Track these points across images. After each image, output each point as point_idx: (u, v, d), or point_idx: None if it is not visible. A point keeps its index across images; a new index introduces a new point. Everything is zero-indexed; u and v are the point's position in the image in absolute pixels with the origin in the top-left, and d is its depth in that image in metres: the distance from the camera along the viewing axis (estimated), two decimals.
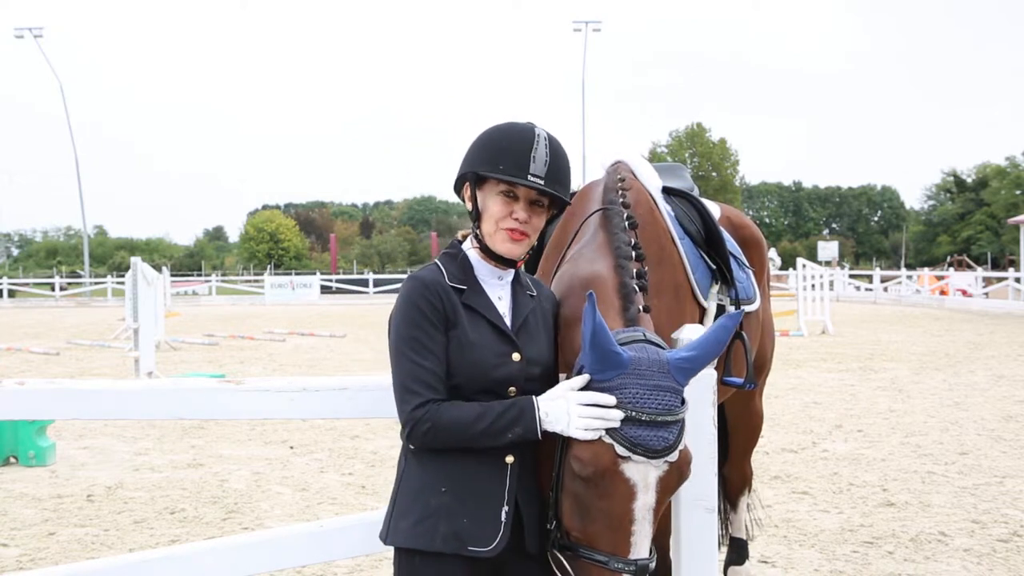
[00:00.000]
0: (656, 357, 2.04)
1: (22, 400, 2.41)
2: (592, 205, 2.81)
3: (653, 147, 78.18)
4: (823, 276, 21.46)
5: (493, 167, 2.18)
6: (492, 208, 2.21)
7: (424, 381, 2.09)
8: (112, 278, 46.66)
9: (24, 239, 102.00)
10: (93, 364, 15.06)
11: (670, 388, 2.02)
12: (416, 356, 2.11)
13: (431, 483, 2.14)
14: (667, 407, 2.00)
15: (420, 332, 2.12)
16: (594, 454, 1.99)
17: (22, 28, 52.63)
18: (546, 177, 2.19)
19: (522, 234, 2.21)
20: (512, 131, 2.23)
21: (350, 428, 8.67)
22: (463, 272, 2.24)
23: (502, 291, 2.28)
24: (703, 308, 3.15)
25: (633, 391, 2.00)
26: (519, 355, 2.19)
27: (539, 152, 2.19)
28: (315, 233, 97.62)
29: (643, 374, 2.02)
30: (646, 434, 1.98)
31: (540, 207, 2.24)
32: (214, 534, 5.49)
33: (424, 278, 2.19)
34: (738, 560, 4.27)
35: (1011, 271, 31.44)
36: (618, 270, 2.42)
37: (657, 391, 2.00)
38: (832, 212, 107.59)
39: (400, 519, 2.16)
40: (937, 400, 10.29)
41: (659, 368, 2.03)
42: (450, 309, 2.16)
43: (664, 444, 1.99)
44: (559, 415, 2.02)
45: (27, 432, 7.27)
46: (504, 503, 2.14)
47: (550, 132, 2.26)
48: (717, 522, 2.65)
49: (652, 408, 1.99)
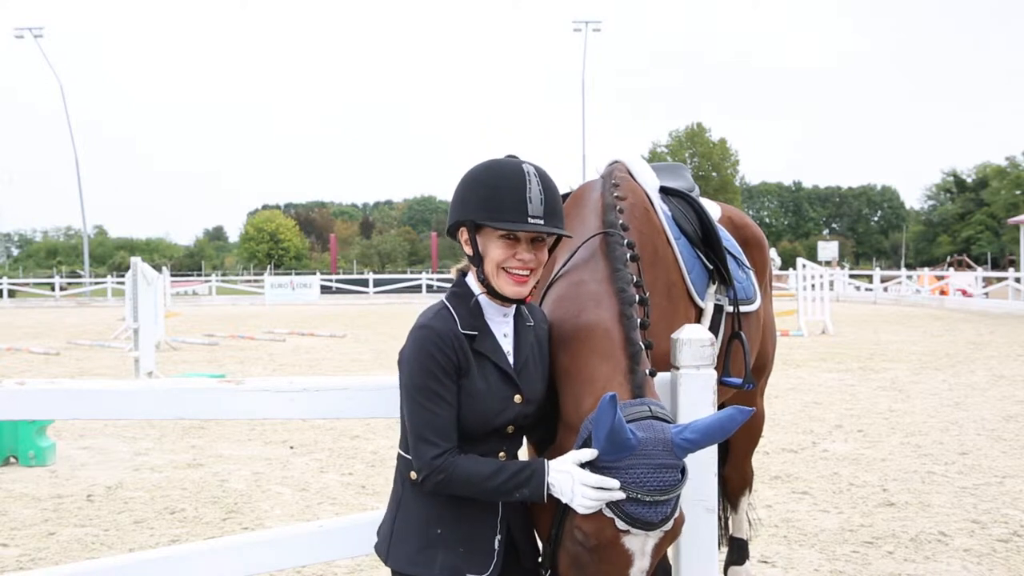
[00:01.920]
0: (662, 436, 2.09)
1: (22, 400, 2.41)
2: (589, 216, 2.78)
3: (653, 147, 78.17)
4: (823, 276, 21.46)
5: (492, 215, 2.17)
6: (493, 253, 2.20)
7: (440, 430, 2.13)
8: (112, 278, 46.66)
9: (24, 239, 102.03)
10: (93, 364, 15.06)
11: (672, 465, 2.08)
12: (431, 405, 2.14)
13: (430, 515, 2.21)
14: (669, 485, 2.07)
15: (434, 382, 2.15)
16: (597, 528, 2.07)
17: (22, 28, 52.66)
18: (544, 216, 2.19)
19: (526, 275, 2.22)
20: (502, 173, 2.20)
21: (350, 428, 8.68)
22: (473, 316, 2.24)
23: (507, 327, 2.30)
24: (700, 308, 3.14)
25: (639, 472, 2.05)
26: (520, 396, 2.24)
27: (533, 192, 2.18)
28: (315, 233, 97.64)
29: (649, 454, 2.07)
30: (645, 511, 2.05)
31: (541, 242, 2.24)
32: (214, 534, 5.49)
33: (437, 329, 2.17)
34: (738, 560, 4.27)
35: (1011, 271, 31.41)
36: (623, 320, 2.38)
37: (661, 470, 2.06)
38: (832, 212, 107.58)
39: (400, 544, 2.22)
40: (937, 400, 10.29)
41: (663, 447, 2.08)
42: (463, 359, 2.18)
43: (661, 517, 2.07)
44: (564, 489, 2.07)
45: (27, 432, 7.27)
46: (497, 532, 2.23)
47: (534, 164, 2.26)
48: (717, 522, 2.65)
49: (655, 487, 2.05)
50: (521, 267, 2.20)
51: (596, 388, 2.23)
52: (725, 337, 3.27)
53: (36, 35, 52.62)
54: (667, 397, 2.45)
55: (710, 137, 78.22)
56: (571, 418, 2.28)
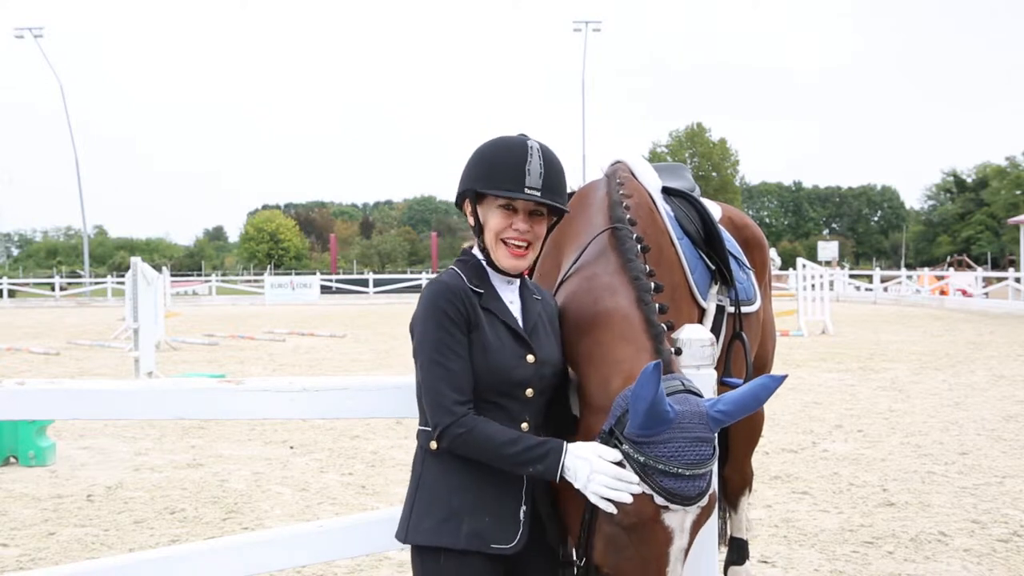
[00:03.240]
0: (696, 409, 2.11)
1: (22, 400, 2.41)
2: (596, 215, 2.80)
3: (653, 147, 78.17)
4: (823, 276, 21.46)
5: (491, 183, 2.25)
6: (492, 222, 2.27)
7: (456, 385, 2.15)
8: (112, 278, 46.66)
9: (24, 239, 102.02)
10: (93, 364, 15.06)
11: (707, 439, 2.10)
12: (445, 360, 2.16)
13: (452, 484, 2.19)
14: (704, 458, 2.08)
15: (447, 335, 2.18)
16: (636, 506, 2.07)
17: (22, 28, 52.66)
18: (543, 188, 2.25)
19: (524, 248, 2.27)
20: (505, 146, 2.28)
21: (350, 428, 8.67)
22: (479, 277, 2.30)
23: (512, 295, 2.35)
24: (702, 308, 3.15)
25: (677, 445, 2.07)
26: (533, 356, 2.26)
27: (533, 165, 2.25)
28: (315, 233, 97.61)
29: (686, 427, 2.08)
30: (683, 485, 2.06)
31: (540, 216, 2.30)
32: (214, 534, 5.49)
33: (447, 282, 2.25)
34: (738, 560, 4.27)
35: (1011, 271, 31.42)
36: (641, 306, 2.41)
37: (697, 443, 2.08)
38: (832, 212, 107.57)
39: (422, 519, 2.21)
40: (937, 400, 10.29)
41: (699, 420, 2.10)
42: (472, 312, 2.22)
43: (698, 491, 2.08)
44: (579, 474, 2.07)
45: (27, 432, 7.26)
46: (523, 502, 2.23)
47: (542, 142, 2.31)
48: (717, 522, 2.65)
49: (692, 460, 2.06)
50: (518, 238, 2.25)
51: (624, 368, 2.25)
52: (726, 337, 3.27)
53: (36, 35, 52.62)
54: None
55: (710, 137, 78.21)
56: (599, 400, 2.28)
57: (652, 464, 2.05)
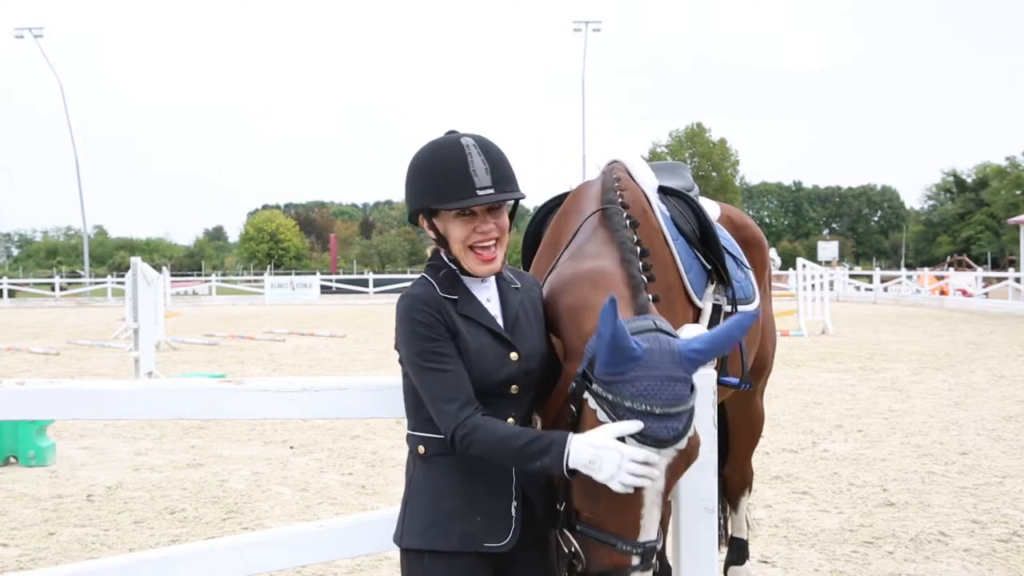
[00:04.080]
0: (668, 347, 2.07)
1: (22, 400, 2.41)
2: (589, 205, 2.81)
3: (653, 147, 78.13)
4: (823, 276, 21.46)
5: (443, 197, 2.18)
6: (455, 232, 2.22)
7: (454, 386, 2.13)
8: (112, 278, 46.65)
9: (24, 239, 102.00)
10: (93, 364, 15.06)
11: (681, 378, 2.04)
12: (438, 366, 2.14)
13: (442, 487, 2.19)
14: (678, 398, 2.02)
15: (431, 344, 2.16)
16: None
17: (22, 28, 52.69)
18: (493, 184, 2.19)
19: (492, 246, 2.22)
20: (442, 152, 2.22)
21: (350, 428, 8.67)
22: (451, 283, 2.25)
23: (489, 292, 2.31)
24: (698, 309, 3.14)
25: (645, 383, 2.02)
26: (517, 354, 2.24)
27: (476, 164, 2.18)
28: (315, 233, 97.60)
29: (655, 365, 2.04)
30: (656, 426, 2.00)
31: (499, 208, 2.25)
32: (214, 534, 5.49)
33: (417, 294, 2.21)
34: (738, 560, 4.27)
35: (1011, 271, 31.42)
36: (625, 264, 2.44)
37: (669, 382, 2.03)
38: (832, 212, 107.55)
39: (413, 522, 2.21)
40: (937, 400, 10.28)
41: (671, 358, 2.05)
42: (448, 320, 2.19)
43: (673, 434, 2.02)
44: (608, 466, 1.98)
45: (27, 432, 7.26)
46: (513, 498, 2.21)
47: (475, 134, 2.26)
48: (717, 522, 2.65)
49: (664, 400, 2.01)
50: (484, 239, 2.21)
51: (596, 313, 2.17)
52: None
53: (36, 35, 52.63)
54: None
55: (710, 137, 78.17)
56: (574, 345, 2.28)
57: (620, 403, 2.01)
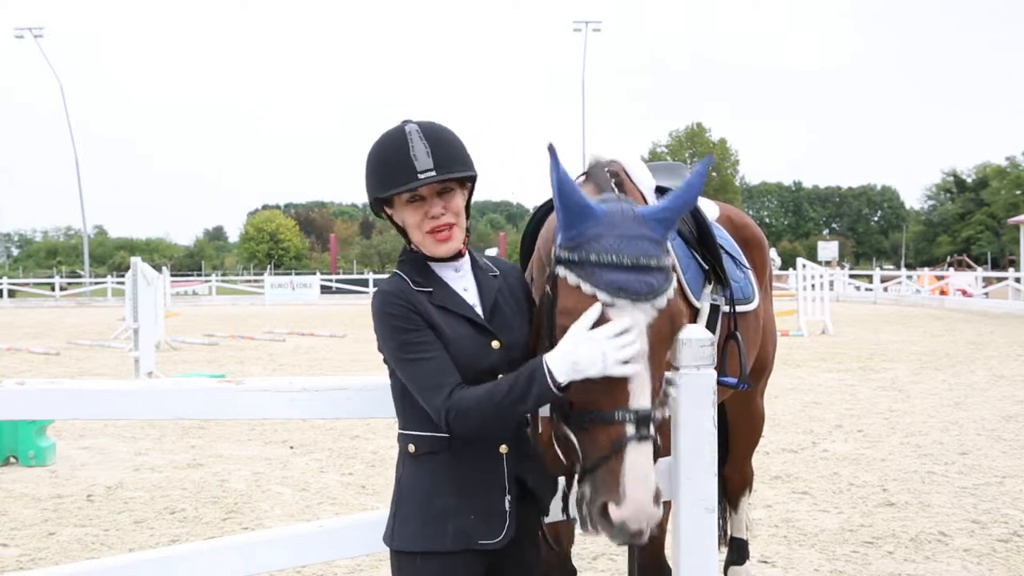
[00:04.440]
0: (630, 210, 2.09)
1: (22, 400, 2.41)
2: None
3: (653, 147, 78.14)
4: (823, 276, 21.46)
5: (387, 185, 2.20)
6: (409, 219, 2.24)
7: (437, 372, 2.11)
8: (112, 278, 46.64)
9: (24, 239, 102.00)
10: (93, 364, 15.05)
11: (647, 236, 2.06)
12: (417, 354, 2.13)
13: (434, 486, 2.18)
14: (647, 252, 2.04)
15: (409, 335, 2.15)
16: (576, 303, 2.04)
17: (22, 28, 52.72)
18: (436, 166, 2.18)
19: (448, 228, 2.22)
20: (386, 141, 2.23)
21: (350, 428, 8.67)
22: (423, 275, 2.25)
23: (466, 282, 2.30)
24: (695, 309, 3.14)
25: (610, 240, 2.04)
26: (498, 342, 2.22)
27: (418, 148, 2.19)
28: (315, 233, 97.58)
29: (617, 224, 2.06)
30: (628, 278, 2.01)
31: (451, 191, 2.24)
32: (214, 534, 5.49)
33: (387, 289, 2.22)
34: (738, 560, 4.27)
35: (1011, 271, 31.42)
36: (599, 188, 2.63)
37: (635, 239, 2.04)
38: (832, 212, 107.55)
39: (405, 524, 2.19)
40: (937, 400, 10.28)
41: (634, 218, 2.07)
42: (423, 311, 2.18)
43: (648, 288, 2.02)
44: (592, 359, 1.97)
45: (27, 432, 7.26)
46: (507, 492, 2.20)
47: (425, 120, 2.26)
48: (717, 522, 2.65)
49: (632, 254, 2.02)
50: (438, 224, 2.21)
51: None
52: (721, 337, 3.27)
53: (36, 35, 52.65)
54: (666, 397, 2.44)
55: (710, 137, 78.20)
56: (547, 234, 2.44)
57: (587, 258, 2.02)
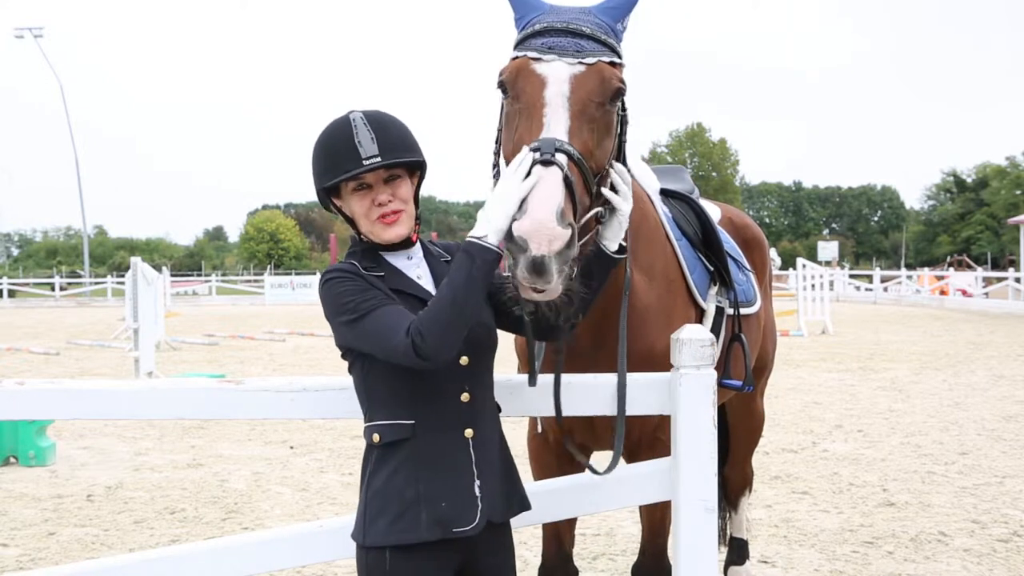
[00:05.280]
0: (579, 7, 2.34)
1: (22, 400, 2.41)
2: None
3: (653, 147, 78.15)
4: (823, 276, 21.46)
5: (331, 173, 2.19)
6: (356, 208, 2.24)
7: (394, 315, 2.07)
8: (112, 278, 46.65)
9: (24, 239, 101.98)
10: (93, 364, 15.06)
11: (590, 20, 2.31)
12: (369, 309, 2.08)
13: (402, 476, 2.14)
14: (583, 22, 2.27)
15: (356, 294, 2.11)
16: (512, 63, 2.30)
17: (22, 28, 52.73)
18: (381, 152, 2.18)
19: (394, 213, 2.21)
20: (330, 131, 2.23)
21: (350, 428, 8.67)
22: (373, 260, 2.24)
23: (419, 269, 2.29)
24: (701, 310, 3.14)
25: (549, 17, 2.30)
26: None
27: (362, 135, 2.18)
28: (315, 233, 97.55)
29: (561, 10, 2.32)
30: (559, 40, 2.25)
31: (398, 178, 2.24)
32: (214, 534, 5.49)
33: (339, 269, 2.20)
34: (738, 560, 4.28)
35: (1011, 271, 31.42)
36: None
37: (576, 16, 2.30)
38: (832, 212, 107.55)
39: (377, 518, 2.14)
40: (937, 400, 10.29)
41: (580, 9, 2.31)
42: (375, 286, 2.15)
43: (576, 48, 2.24)
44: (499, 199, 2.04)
45: (27, 432, 7.26)
46: (475, 478, 2.18)
47: (371, 109, 2.26)
48: (717, 522, 2.65)
49: (565, 20, 2.27)
50: (383, 211, 2.20)
51: None
52: (726, 339, 3.27)
53: (36, 35, 52.66)
54: (666, 398, 2.44)
55: (710, 137, 78.21)
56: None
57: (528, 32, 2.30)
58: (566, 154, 2.10)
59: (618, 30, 2.35)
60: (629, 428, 2.67)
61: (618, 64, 2.31)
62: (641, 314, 2.71)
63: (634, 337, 2.61)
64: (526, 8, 2.33)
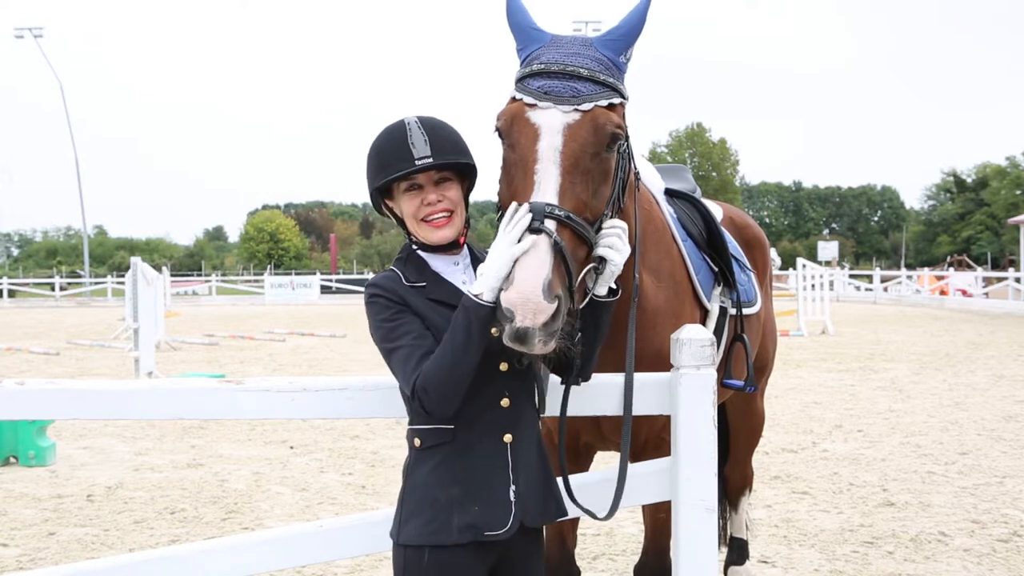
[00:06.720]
0: (581, 36, 2.26)
1: (22, 400, 2.41)
2: None
3: (653, 147, 78.12)
4: (823, 276, 21.46)
5: (384, 173, 2.26)
6: (406, 208, 2.29)
7: (409, 358, 2.13)
8: (112, 278, 46.67)
9: (24, 239, 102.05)
10: (93, 364, 15.06)
11: (591, 56, 2.21)
12: (395, 342, 2.16)
13: (439, 479, 2.18)
14: (580, 63, 2.19)
15: (390, 322, 2.19)
16: (508, 108, 2.24)
17: (22, 28, 52.74)
18: (433, 153, 2.23)
19: (443, 215, 2.26)
20: (385, 134, 2.30)
21: (350, 428, 8.67)
22: (418, 271, 2.28)
23: (464, 275, 2.32)
24: (706, 310, 3.14)
25: (549, 55, 2.22)
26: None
27: (415, 137, 2.25)
28: (315, 233, 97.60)
29: (562, 45, 2.24)
30: (555, 84, 2.17)
31: (449, 181, 2.29)
32: (214, 534, 5.49)
33: (379, 282, 2.26)
34: (738, 560, 4.28)
35: (1011, 271, 31.44)
36: None
37: (575, 54, 2.21)
38: (832, 212, 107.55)
39: (412, 518, 2.20)
40: (937, 400, 10.28)
41: (581, 42, 2.22)
42: (412, 304, 2.21)
43: (572, 93, 2.16)
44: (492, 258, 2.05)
45: (27, 432, 7.26)
46: (511, 483, 2.20)
47: (425, 115, 2.32)
48: (717, 522, 2.65)
49: (562, 62, 2.19)
50: (433, 211, 2.25)
51: None
52: (728, 339, 3.27)
53: (36, 35, 52.66)
54: (667, 398, 2.44)
55: (710, 137, 78.18)
56: None
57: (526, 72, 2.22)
58: (556, 219, 2.06)
59: (620, 63, 2.30)
60: (636, 429, 2.67)
61: (617, 105, 2.24)
62: (651, 316, 2.71)
63: (644, 339, 2.61)
64: (528, 39, 2.28)
